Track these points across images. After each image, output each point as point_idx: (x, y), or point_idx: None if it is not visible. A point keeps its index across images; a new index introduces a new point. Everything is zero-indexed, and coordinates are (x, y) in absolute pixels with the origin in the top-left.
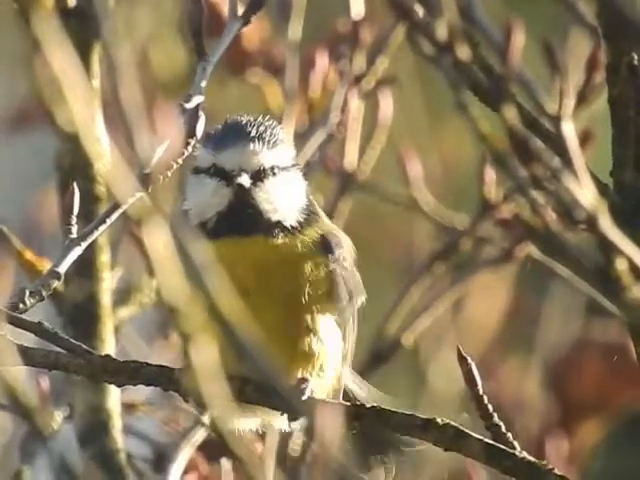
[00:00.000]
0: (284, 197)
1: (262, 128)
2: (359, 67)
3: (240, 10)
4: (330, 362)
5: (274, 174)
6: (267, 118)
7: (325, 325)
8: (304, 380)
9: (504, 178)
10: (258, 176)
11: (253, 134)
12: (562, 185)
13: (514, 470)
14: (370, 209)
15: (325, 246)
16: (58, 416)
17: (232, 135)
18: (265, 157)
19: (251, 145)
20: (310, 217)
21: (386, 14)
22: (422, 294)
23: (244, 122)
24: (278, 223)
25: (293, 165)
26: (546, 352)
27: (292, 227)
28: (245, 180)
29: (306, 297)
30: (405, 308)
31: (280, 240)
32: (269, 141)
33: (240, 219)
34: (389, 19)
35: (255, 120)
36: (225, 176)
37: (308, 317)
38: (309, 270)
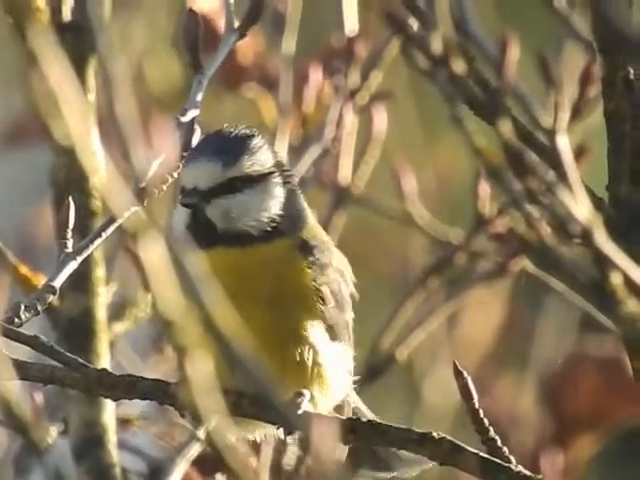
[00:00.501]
0: (246, 209)
1: (229, 141)
2: (353, 82)
3: (236, 23)
4: (331, 375)
5: (234, 189)
6: (243, 128)
7: (314, 332)
8: (300, 394)
9: (499, 192)
10: (212, 194)
11: (214, 150)
12: (557, 199)
13: None
14: (365, 223)
15: (303, 249)
16: (53, 431)
17: (197, 152)
18: (220, 173)
19: (205, 163)
20: (289, 224)
21: (380, 28)
22: (416, 308)
23: (214, 137)
24: (241, 234)
25: (267, 174)
26: (541, 367)
27: (259, 236)
28: (190, 200)
29: (278, 304)
30: (399, 322)
31: (243, 249)
32: (230, 155)
33: (201, 233)
34: (383, 33)
35: (227, 133)
36: (183, 194)
37: (291, 323)
38: (279, 275)
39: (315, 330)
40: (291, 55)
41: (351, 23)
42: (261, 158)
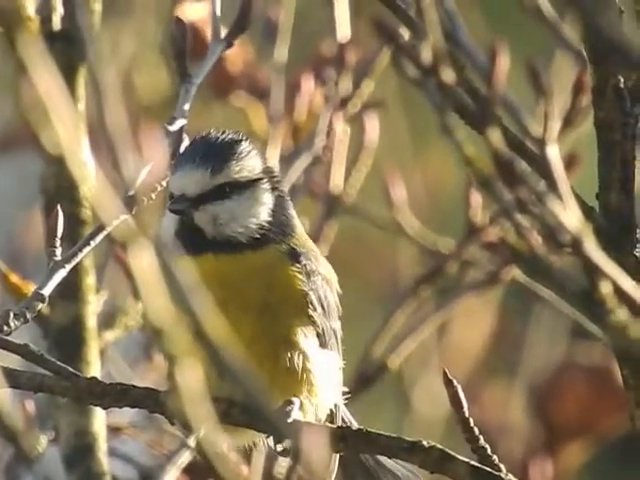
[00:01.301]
0: (235, 215)
1: (217, 147)
2: (344, 90)
3: (223, 32)
4: (321, 382)
5: (223, 195)
6: (231, 132)
7: (304, 339)
8: (290, 402)
9: (489, 201)
10: (200, 201)
11: (202, 156)
12: (547, 208)
13: None
14: (355, 232)
15: (291, 256)
16: (43, 439)
17: (185, 157)
18: (209, 180)
19: (194, 169)
20: (277, 231)
21: (371, 37)
22: (407, 318)
23: (201, 142)
24: (230, 240)
25: (256, 180)
26: (530, 375)
27: (248, 243)
28: (178, 207)
29: (268, 310)
30: (390, 332)
31: (233, 256)
32: (218, 161)
33: (190, 240)
34: (374, 42)
35: (214, 138)
36: (172, 200)
37: (281, 329)
38: (269, 282)
39: (305, 336)
40: (282, 63)
41: (342, 32)
42: (249, 164)
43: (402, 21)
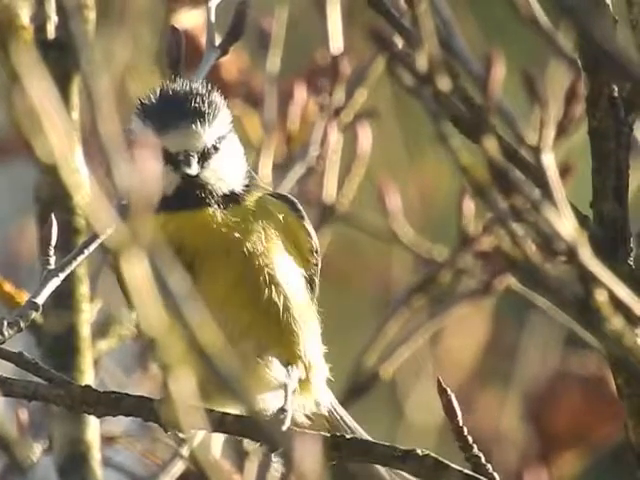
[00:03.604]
0: (229, 168)
1: (200, 100)
2: (338, 99)
3: (217, 40)
4: (306, 332)
5: (217, 148)
6: (200, 84)
7: (289, 276)
8: (283, 410)
9: (484, 210)
10: (204, 157)
11: (194, 111)
12: (542, 216)
13: None
14: (349, 241)
15: (290, 204)
16: (37, 448)
17: (173, 112)
18: (209, 135)
19: (195, 125)
20: (252, 181)
21: (365, 46)
22: (400, 326)
23: (181, 94)
24: (228, 194)
25: (230, 130)
26: (525, 384)
27: (240, 193)
28: (194, 168)
29: (271, 252)
30: (383, 340)
31: (235, 208)
32: (209, 115)
33: (189, 197)
34: (368, 51)
35: (191, 90)
36: (170, 160)
37: (270, 270)
38: (279, 228)
39: (304, 284)
40: (276, 73)
41: (336, 41)
42: (227, 115)
43: (396, 29)
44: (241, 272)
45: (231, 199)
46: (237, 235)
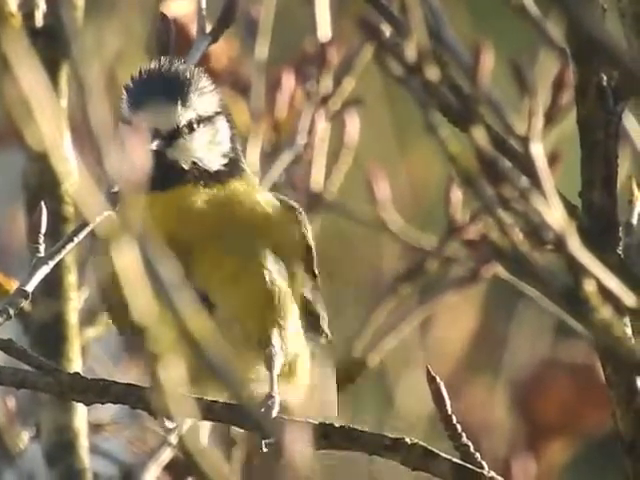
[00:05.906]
0: (204, 149)
1: (181, 79)
2: (326, 88)
3: (208, 28)
4: (289, 317)
5: (192, 129)
6: (182, 64)
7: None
8: (271, 396)
9: (472, 198)
10: (173, 135)
11: (170, 89)
12: (530, 206)
13: None
14: (337, 229)
15: (289, 207)
16: (25, 435)
17: (148, 90)
18: (180, 115)
19: (165, 104)
20: (235, 166)
21: (354, 34)
22: (389, 314)
23: (161, 72)
24: (202, 173)
25: (217, 112)
26: (513, 373)
27: (217, 174)
28: (154, 144)
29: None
30: (372, 328)
31: (209, 187)
32: (185, 95)
33: (162, 175)
34: (357, 39)
35: (174, 69)
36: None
37: (260, 259)
38: (259, 214)
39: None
40: (264, 61)
41: (324, 29)
42: (212, 99)
43: (384, 18)
44: (214, 254)
45: (207, 180)
46: (207, 216)
